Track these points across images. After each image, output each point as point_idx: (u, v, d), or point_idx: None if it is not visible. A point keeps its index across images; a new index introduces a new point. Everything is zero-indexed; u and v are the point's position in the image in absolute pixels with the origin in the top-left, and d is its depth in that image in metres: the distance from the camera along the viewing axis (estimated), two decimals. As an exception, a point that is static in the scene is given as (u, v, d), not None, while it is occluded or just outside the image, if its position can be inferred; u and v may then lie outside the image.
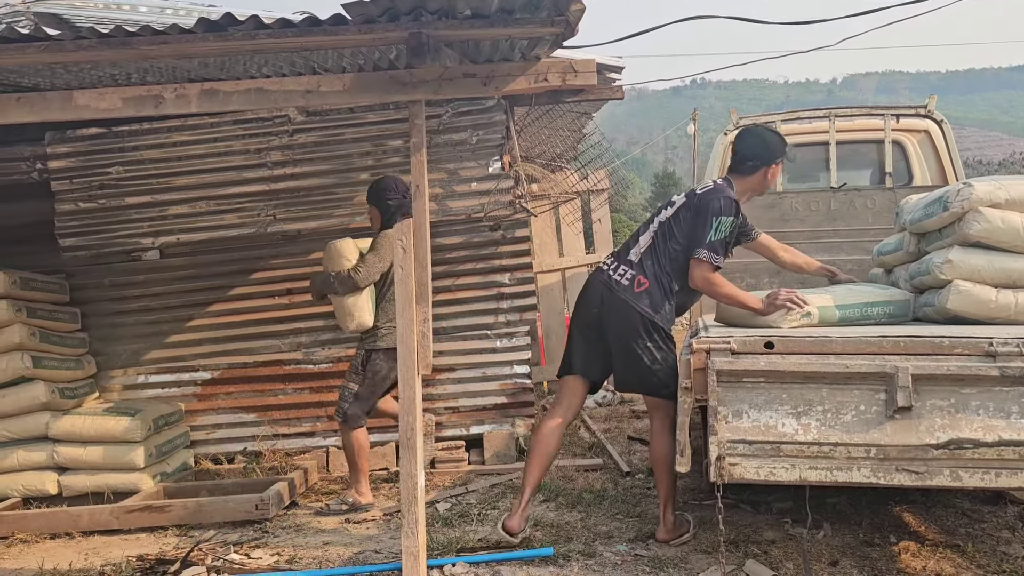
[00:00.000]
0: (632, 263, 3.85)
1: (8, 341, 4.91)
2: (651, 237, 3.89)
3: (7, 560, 4.18)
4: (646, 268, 3.84)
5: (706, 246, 3.73)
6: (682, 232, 3.83)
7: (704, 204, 3.80)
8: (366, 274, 4.56)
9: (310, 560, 3.91)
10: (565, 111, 5.92)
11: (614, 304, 3.81)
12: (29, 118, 3.39)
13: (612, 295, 3.82)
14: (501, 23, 3.20)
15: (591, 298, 3.90)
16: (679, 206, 3.89)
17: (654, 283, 3.81)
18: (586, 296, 3.94)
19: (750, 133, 4.04)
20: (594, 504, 4.52)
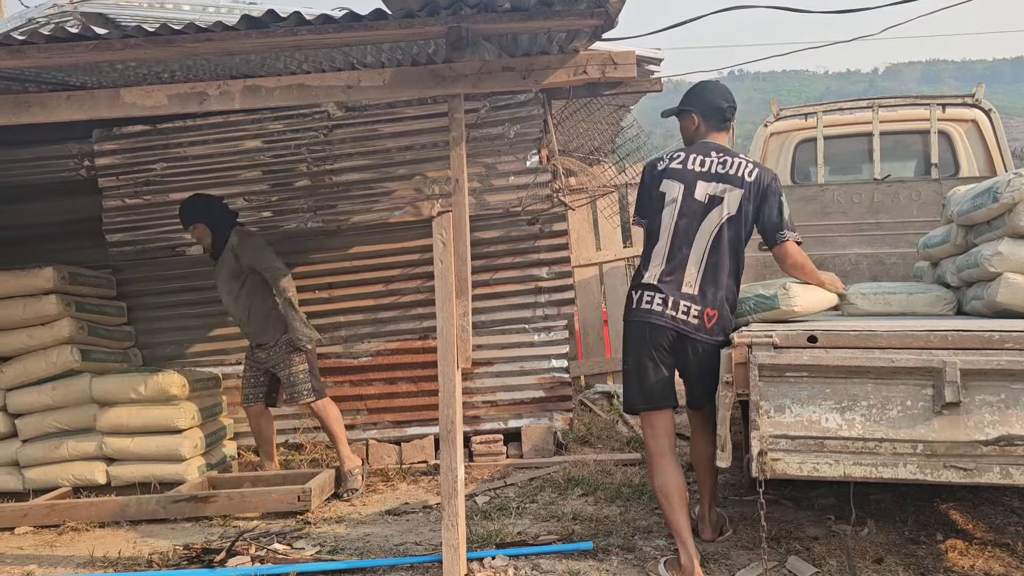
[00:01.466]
0: (693, 297, 3.44)
1: (58, 335, 5.03)
2: (709, 254, 3.45)
3: (59, 547, 4.29)
4: (709, 297, 3.45)
5: (788, 227, 3.50)
6: (748, 225, 3.48)
7: (768, 187, 3.49)
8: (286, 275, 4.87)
9: (352, 551, 3.95)
10: (603, 104, 5.89)
11: (691, 345, 3.46)
12: (78, 116, 3.47)
13: (684, 338, 3.45)
14: (540, 16, 3.19)
15: (657, 341, 3.47)
16: (733, 201, 3.45)
17: (723, 306, 3.48)
18: (647, 339, 3.48)
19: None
20: (633, 499, 4.51)
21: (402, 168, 5.56)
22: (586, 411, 6.94)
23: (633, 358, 3.52)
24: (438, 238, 3.41)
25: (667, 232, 3.47)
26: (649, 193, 3.55)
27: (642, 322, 3.48)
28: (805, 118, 6.14)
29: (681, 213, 3.46)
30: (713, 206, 3.46)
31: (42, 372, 5.02)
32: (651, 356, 3.48)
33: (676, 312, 3.44)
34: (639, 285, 3.52)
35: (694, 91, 3.68)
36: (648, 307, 3.46)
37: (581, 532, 3.99)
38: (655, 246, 3.50)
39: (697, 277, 3.44)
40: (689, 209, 3.45)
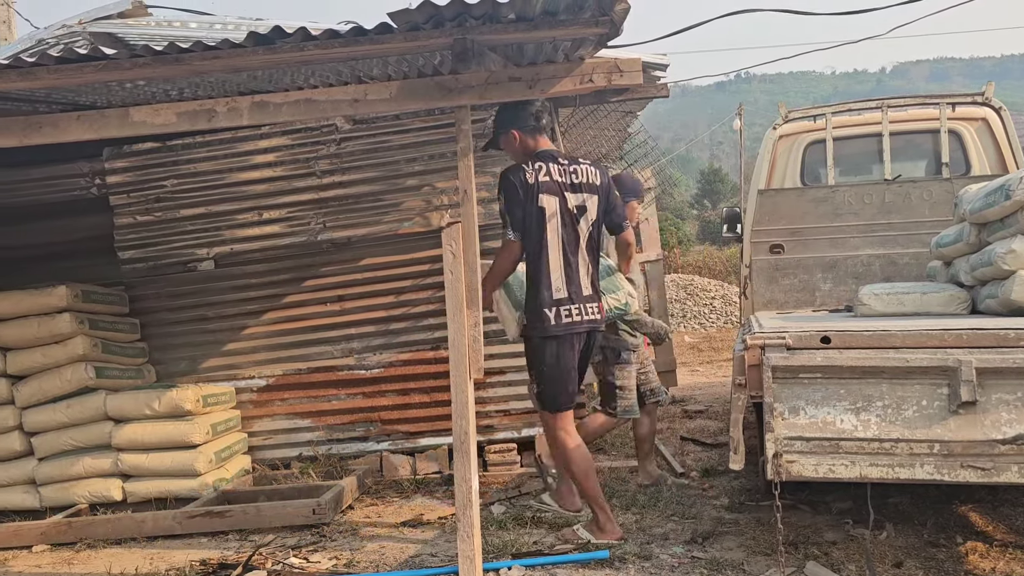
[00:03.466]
0: (591, 296, 3.93)
1: (72, 352, 5.06)
2: (588, 256, 3.91)
3: (76, 565, 4.30)
4: (596, 292, 3.99)
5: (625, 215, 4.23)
6: (601, 223, 3.98)
7: (609, 185, 4.07)
8: None
9: (367, 564, 3.95)
10: (610, 111, 5.89)
11: (593, 336, 4.02)
12: (88, 135, 3.49)
13: (592, 333, 3.98)
14: (545, 25, 3.20)
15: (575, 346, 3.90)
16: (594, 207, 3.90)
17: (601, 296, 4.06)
18: (573, 347, 3.89)
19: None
20: (648, 505, 4.49)
21: (411, 179, 5.57)
22: (600, 418, 6.91)
23: (562, 366, 3.87)
24: (448, 249, 3.42)
25: (556, 246, 3.80)
26: (526, 208, 3.75)
27: (568, 334, 3.84)
28: (814, 120, 6.13)
29: (563, 224, 3.81)
30: (581, 215, 3.87)
31: (57, 390, 5.05)
32: (573, 361, 3.90)
33: (585, 315, 3.87)
34: (553, 302, 3.80)
35: (500, 114, 4.04)
36: (569, 320, 3.82)
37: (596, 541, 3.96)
38: (548, 261, 3.79)
39: (587, 279, 3.90)
40: (568, 222, 3.82)
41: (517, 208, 3.76)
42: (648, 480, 4.91)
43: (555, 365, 3.85)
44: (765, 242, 5.69)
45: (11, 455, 5.05)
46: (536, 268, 3.81)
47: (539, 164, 3.81)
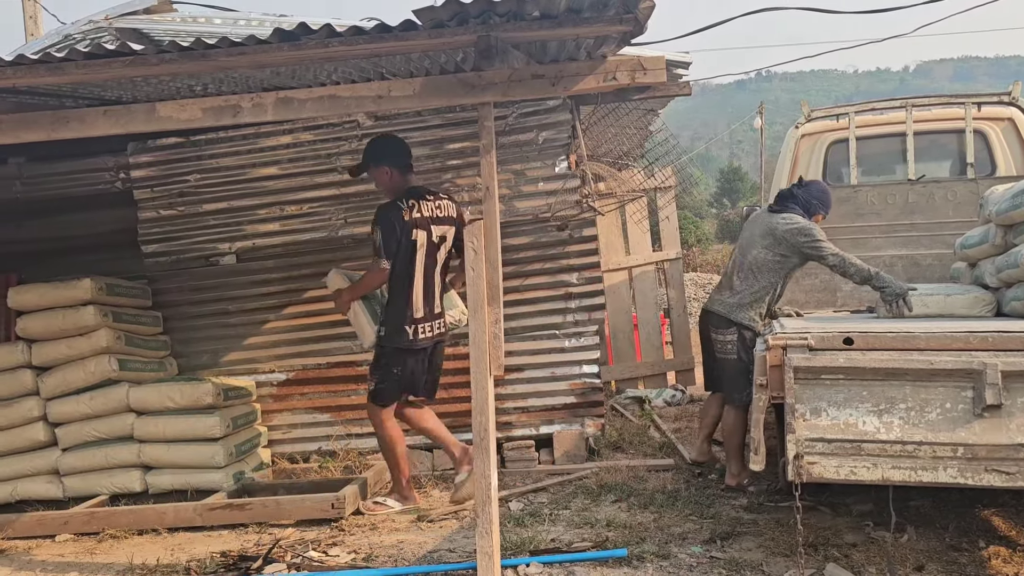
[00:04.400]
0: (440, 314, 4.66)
1: (95, 345, 5.11)
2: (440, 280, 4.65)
3: (99, 555, 4.35)
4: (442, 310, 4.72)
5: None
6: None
7: (463, 215, 4.72)
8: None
9: (386, 558, 3.97)
10: (631, 109, 5.88)
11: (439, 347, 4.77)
12: (115, 130, 3.53)
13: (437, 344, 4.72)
14: (569, 23, 3.20)
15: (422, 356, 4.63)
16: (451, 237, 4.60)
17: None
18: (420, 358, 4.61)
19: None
20: (667, 505, 4.48)
21: (431, 176, 5.58)
22: (617, 416, 6.92)
23: (407, 373, 4.55)
24: (469, 246, 3.42)
25: (420, 274, 4.47)
26: (399, 240, 4.42)
27: (420, 348, 4.54)
28: (837, 119, 6.09)
29: (427, 255, 4.48)
30: (441, 244, 4.55)
31: (81, 382, 5.10)
32: (416, 368, 4.57)
33: (435, 330, 4.59)
34: (413, 320, 4.48)
35: (377, 148, 4.65)
36: (423, 335, 4.52)
37: (615, 539, 3.97)
38: (413, 286, 4.46)
39: (438, 299, 4.60)
40: (431, 251, 4.50)
41: (392, 241, 4.42)
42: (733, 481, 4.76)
43: (403, 372, 4.54)
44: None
45: (35, 445, 5.11)
46: (401, 290, 4.47)
47: (412, 201, 4.48)
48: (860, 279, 4.40)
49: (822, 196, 4.74)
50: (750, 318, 4.65)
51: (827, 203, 4.76)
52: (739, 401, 4.66)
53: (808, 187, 4.78)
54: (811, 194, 4.72)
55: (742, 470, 4.70)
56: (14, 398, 5.11)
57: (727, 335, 4.72)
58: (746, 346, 4.59)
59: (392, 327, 4.50)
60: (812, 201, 4.69)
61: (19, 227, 5.86)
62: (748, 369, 4.51)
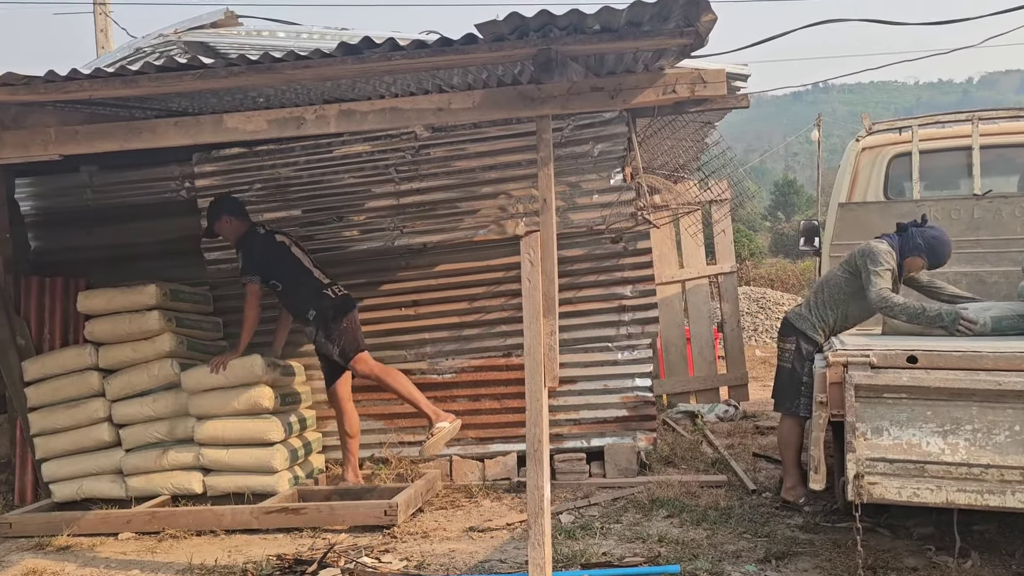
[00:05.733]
0: None
1: (159, 349, 5.25)
2: None
3: (159, 554, 4.46)
4: None
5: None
6: None
7: None
8: None
9: (438, 566, 4.00)
10: (688, 121, 5.85)
11: None
12: (184, 141, 3.64)
13: None
14: (629, 36, 3.20)
15: None
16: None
17: None
18: None
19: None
20: (720, 522, 4.42)
21: (486, 187, 5.63)
22: (669, 431, 6.86)
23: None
24: (526, 257, 3.44)
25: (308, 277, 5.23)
26: (282, 259, 5.20)
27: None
28: (899, 132, 5.97)
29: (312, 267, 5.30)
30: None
31: (144, 384, 5.25)
32: None
33: None
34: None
35: (219, 206, 5.36)
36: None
37: (667, 555, 3.93)
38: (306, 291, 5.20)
39: None
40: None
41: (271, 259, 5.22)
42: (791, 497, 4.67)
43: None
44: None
45: (100, 445, 5.27)
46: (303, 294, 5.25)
47: (276, 235, 5.33)
48: (908, 318, 4.25)
49: (932, 241, 4.49)
50: (812, 329, 4.58)
51: (934, 249, 4.50)
52: (787, 411, 4.61)
53: (924, 228, 4.56)
54: (922, 234, 4.51)
55: (798, 484, 4.62)
56: (81, 399, 5.28)
57: (787, 342, 4.70)
58: (801, 357, 4.53)
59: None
60: (918, 241, 4.49)
61: (89, 233, 6.07)
62: (800, 381, 4.52)
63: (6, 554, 4.62)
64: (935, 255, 4.52)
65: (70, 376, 5.30)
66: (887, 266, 4.35)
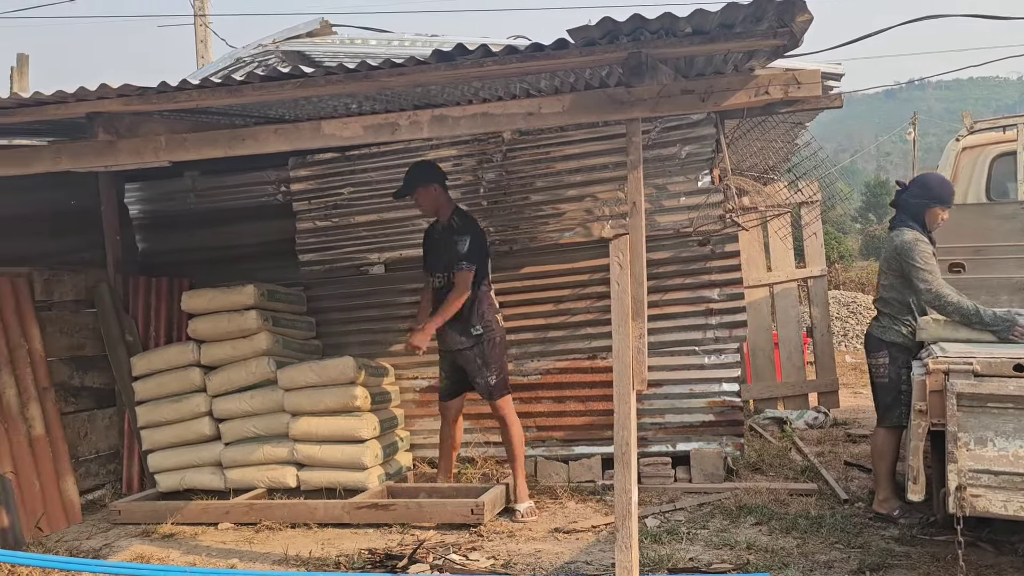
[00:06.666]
0: None
1: (256, 347, 5.47)
2: None
3: (256, 544, 4.65)
4: None
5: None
6: None
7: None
8: None
9: (524, 566, 4.04)
10: (778, 122, 5.74)
11: None
12: (284, 147, 3.78)
13: None
14: (721, 38, 3.17)
15: None
16: None
17: None
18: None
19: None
20: (811, 531, 4.33)
21: (573, 190, 5.65)
22: (756, 437, 6.74)
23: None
24: (615, 260, 3.45)
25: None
26: (486, 257, 5.06)
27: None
28: (1003, 130, 5.74)
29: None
30: None
31: (242, 381, 5.46)
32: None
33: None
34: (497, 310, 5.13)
35: (423, 171, 5.07)
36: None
37: (756, 562, 3.88)
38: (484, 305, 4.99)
39: None
40: None
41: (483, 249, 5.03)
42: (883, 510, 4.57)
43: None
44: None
45: (202, 438, 5.51)
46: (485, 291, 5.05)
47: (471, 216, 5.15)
48: (961, 318, 4.10)
49: (926, 189, 4.51)
50: (901, 335, 4.49)
51: (935, 193, 4.49)
52: (893, 424, 4.49)
53: (910, 187, 4.57)
54: (914, 193, 4.51)
55: (892, 496, 4.50)
56: (184, 394, 5.53)
57: (878, 357, 4.59)
58: (897, 368, 4.43)
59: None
60: (918, 200, 4.47)
61: (191, 236, 6.36)
62: (900, 391, 4.40)
63: (116, 539, 4.88)
64: (937, 197, 4.47)
65: (174, 372, 5.56)
66: (926, 254, 4.32)
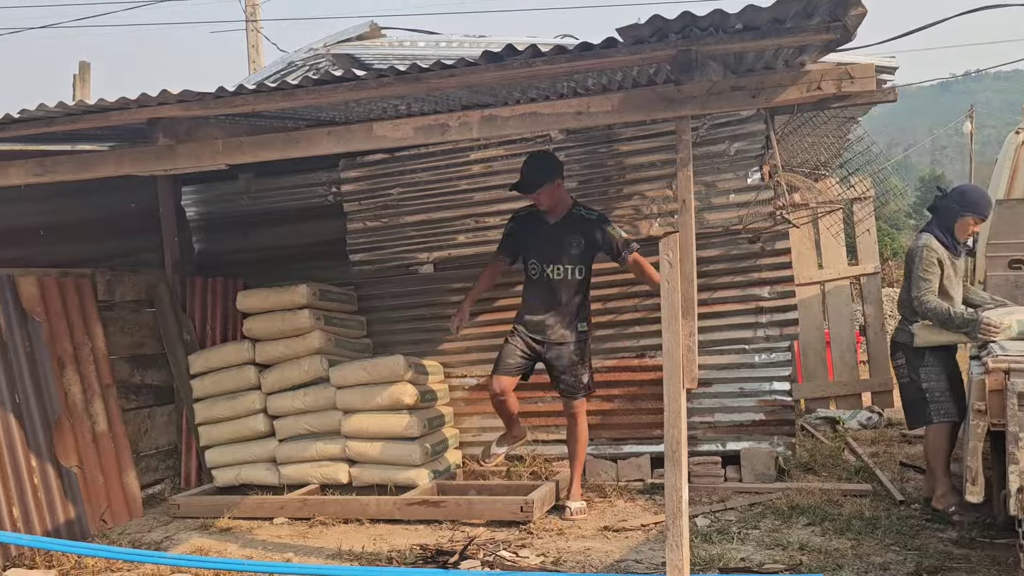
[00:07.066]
0: None
1: (309, 346, 5.57)
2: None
3: (310, 539, 4.74)
4: None
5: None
6: None
7: None
8: None
9: (574, 564, 4.05)
10: (830, 117, 5.65)
11: None
12: (337, 149, 3.85)
13: None
14: (772, 34, 3.14)
15: None
16: None
17: None
18: None
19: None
20: (865, 532, 4.27)
21: (621, 188, 5.64)
22: (808, 437, 6.66)
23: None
24: (664, 258, 3.44)
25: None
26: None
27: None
28: (1065, 123, 5.57)
29: None
30: None
31: (296, 379, 5.57)
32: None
33: None
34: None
35: (548, 167, 4.91)
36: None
37: (809, 563, 3.84)
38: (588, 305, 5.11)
39: None
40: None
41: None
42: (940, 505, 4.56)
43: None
44: (1003, 257, 5.25)
45: (257, 435, 5.64)
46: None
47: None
48: (939, 322, 4.42)
49: (961, 197, 4.56)
50: (910, 337, 4.61)
51: (969, 200, 4.53)
52: (922, 424, 4.63)
53: (949, 194, 4.63)
54: (951, 200, 4.57)
55: (949, 491, 4.46)
56: (240, 391, 5.67)
57: (896, 359, 4.75)
58: (914, 368, 4.58)
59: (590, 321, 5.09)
60: (952, 207, 4.54)
61: (245, 236, 6.51)
62: (922, 389, 4.56)
63: (176, 532, 5.03)
64: (977, 206, 4.52)
65: (230, 370, 5.70)
66: (928, 263, 4.47)
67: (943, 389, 4.52)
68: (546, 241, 4.96)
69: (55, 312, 5.14)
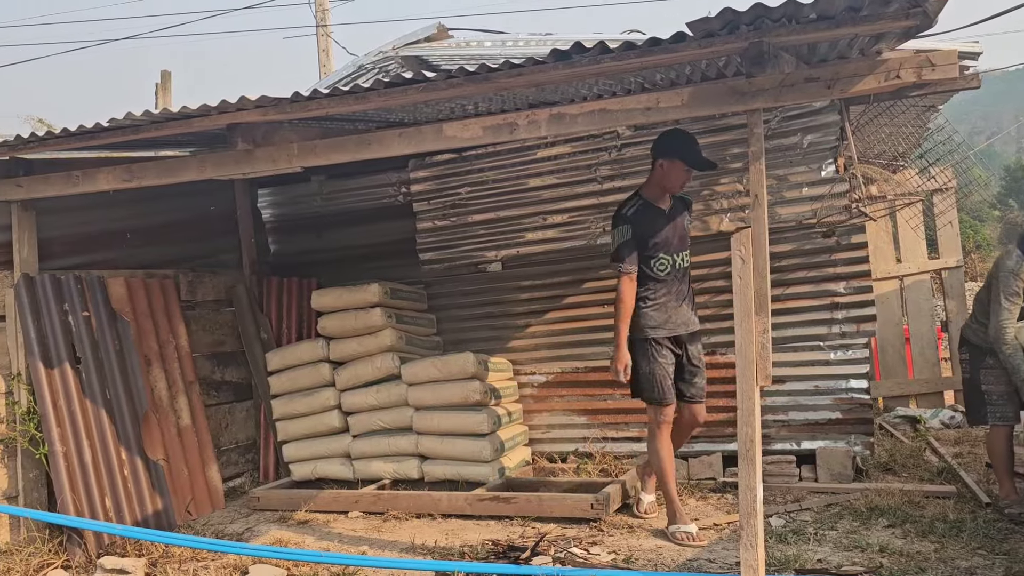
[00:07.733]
0: None
1: (381, 343, 5.67)
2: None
3: (384, 532, 4.83)
4: None
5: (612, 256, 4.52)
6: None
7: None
8: None
9: (646, 562, 4.03)
10: (908, 106, 5.47)
11: None
12: (408, 150, 3.92)
13: None
14: (847, 23, 3.07)
15: None
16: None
17: None
18: None
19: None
20: (949, 535, 4.13)
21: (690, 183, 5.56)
22: (886, 436, 6.47)
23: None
24: (736, 254, 3.39)
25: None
26: None
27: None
28: None
29: None
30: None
31: (369, 376, 5.68)
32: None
33: None
34: None
35: (676, 141, 4.59)
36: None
37: (890, 566, 3.74)
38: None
39: None
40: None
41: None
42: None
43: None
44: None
45: (332, 431, 5.76)
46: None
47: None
48: (1008, 366, 4.37)
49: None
50: (976, 335, 4.61)
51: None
52: (977, 422, 4.65)
53: None
54: None
55: (1011, 492, 4.50)
56: (315, 388, 5.80)
57: (961, 353, 4.74)
58: (976, 367, 4.56)
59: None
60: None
61: (319, 237, 6.66)
62: (980, 390, 4.54)
63: (256, 524, 5.18)
64: None
65: (305, 367, 5.84)
66: (1013, 292, 4.38)
67: (1001, 392, 4.50)
68: (672, 230, 4.58)
69: (142, 312, 5.36)
